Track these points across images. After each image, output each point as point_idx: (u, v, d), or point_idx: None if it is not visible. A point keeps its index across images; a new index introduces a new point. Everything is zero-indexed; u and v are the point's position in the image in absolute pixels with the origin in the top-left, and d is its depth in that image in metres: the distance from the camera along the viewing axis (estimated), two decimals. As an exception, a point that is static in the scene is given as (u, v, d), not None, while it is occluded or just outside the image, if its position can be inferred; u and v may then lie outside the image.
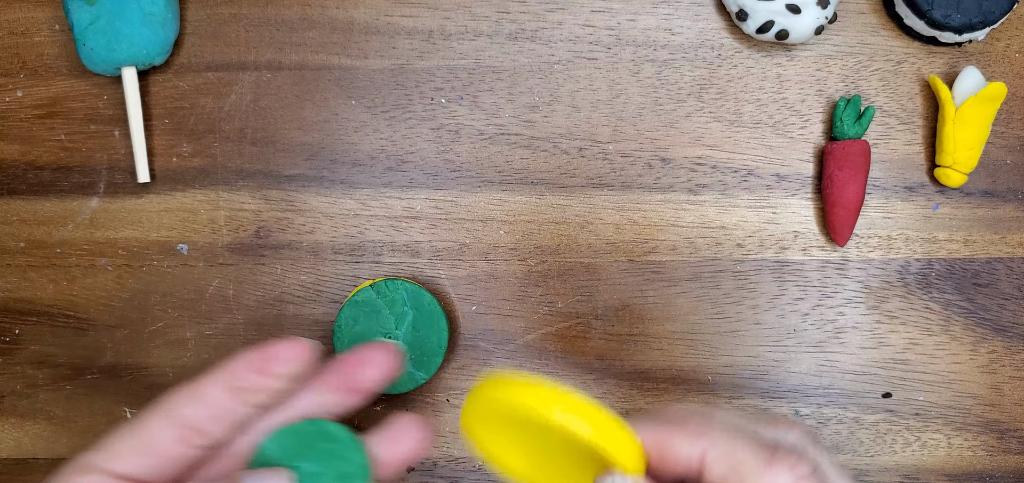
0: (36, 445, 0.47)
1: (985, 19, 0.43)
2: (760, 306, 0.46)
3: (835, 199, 0.44)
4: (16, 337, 0.47)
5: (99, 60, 0.44)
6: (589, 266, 0.46)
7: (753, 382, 0.46)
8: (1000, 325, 0.46)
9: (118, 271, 0.47)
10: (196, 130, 0.47)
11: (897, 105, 0.46)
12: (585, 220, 0.46)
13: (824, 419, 0.46)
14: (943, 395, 0.46)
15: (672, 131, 0.46)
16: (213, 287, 0.47)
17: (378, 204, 0.47)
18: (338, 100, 0.47)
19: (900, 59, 0.46)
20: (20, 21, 0.47)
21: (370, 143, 0.47)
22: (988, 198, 0.46)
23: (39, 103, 0.47)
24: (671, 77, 0.46)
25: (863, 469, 0.46)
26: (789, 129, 0.46)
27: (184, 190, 0.47)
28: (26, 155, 0.47)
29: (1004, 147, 0.46)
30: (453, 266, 0.46)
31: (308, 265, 0.47)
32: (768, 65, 0.46)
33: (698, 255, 0.46)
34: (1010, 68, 0.46)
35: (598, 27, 0.46)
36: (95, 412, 0.47)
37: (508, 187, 0.46)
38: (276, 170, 0.47)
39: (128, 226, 0.47)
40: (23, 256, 0.47)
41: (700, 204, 0.46)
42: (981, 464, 0.46)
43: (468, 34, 0.46)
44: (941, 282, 0.46)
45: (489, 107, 0.46)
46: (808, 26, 0.44)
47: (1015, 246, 0.46)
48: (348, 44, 0.47)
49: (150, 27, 0.44)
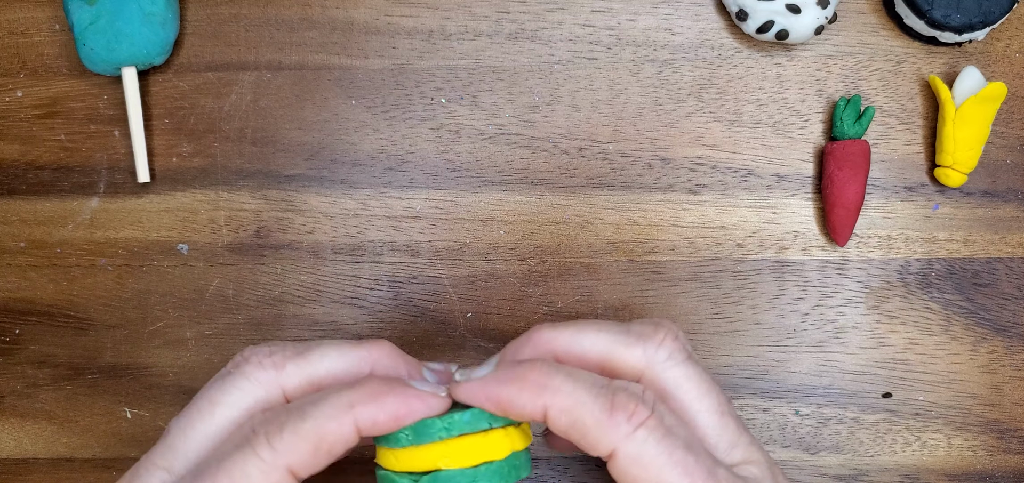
0: (36, 445, 0.47)
1: (985, 19, 0.43)
2: (760, 306, 0.46)
3: (835, 199, 0.44)
4: (16, 337, 0.47)
5: (99, 60, 0.44)
6: (589, 266, 0.46)
7: (753, 382, 0.46)
8: (1000, 325, 0.46)
9: (118, 271, 0.47)
10: (196, 130, 0.47)
11: (897, 105, 0.46)
12: (585, 220, 0.46)
13: (824, 419, 0.46)
14: (943, 395, 0.46)
15: (672, 131, 0.46)
16: (213, 287, 0.47)
17: (378, 204, 0.47)
18: (338, 100, 0.47)
19: (900, 59, 0.46)
20: (20, 21, 0.47)
21: (370, 143, 0.47)
22: (988, 198, 0.46)
23: (39, 103, 0.47)
24: (671, 77, 0.46)
25: (863, 469, 0.46)
26: (789, 129, 0.46)
27: (184, 190, 0.47)
28: (26, 155, 0.47)
29: (1004, 147, 0.46)
30: (453, 266, 0.46)
31: (308, 265, 0.47)
32: (768, 65, 0.46)
33: (698, 255, 0.46)
34: (1010, 68, 0.46)
35: (598, 27, 0.46)
36: (95, 412, 0.47)
37: (508, 187, 0.46)
38: (276, 170, 0.47)
39: (128, 226, 0.47)
40: (23, 256, 0.47)
41: (700, 204, 0.46)
42: (981, 464, 0.46)
43: (468, 34, 0.46)
44: (941, 282, 0.46)
45: (489, 107, 0.46)
46: (808, 26, 0.44)
47: (1015, 246, 0.46)
48: (348, 44, 0.47)
49: (150, 27, 0.44)
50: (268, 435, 0.28)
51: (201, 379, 0.47)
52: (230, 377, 0.31)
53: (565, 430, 0.29)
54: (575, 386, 0.29)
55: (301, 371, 0.31)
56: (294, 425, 0.28)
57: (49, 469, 0.47)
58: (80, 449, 0.47)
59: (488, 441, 0.31)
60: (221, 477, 0.28)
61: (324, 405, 0.28)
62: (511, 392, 0.29)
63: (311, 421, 0.28)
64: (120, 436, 0.47)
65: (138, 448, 0.47)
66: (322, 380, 0.32)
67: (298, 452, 0.28)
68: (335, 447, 0.28)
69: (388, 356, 0.33)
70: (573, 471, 0.46)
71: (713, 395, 0.32)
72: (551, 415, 0.29)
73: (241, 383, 0.31)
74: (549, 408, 0.29)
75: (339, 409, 0.28)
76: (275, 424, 0.28)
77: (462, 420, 0.30)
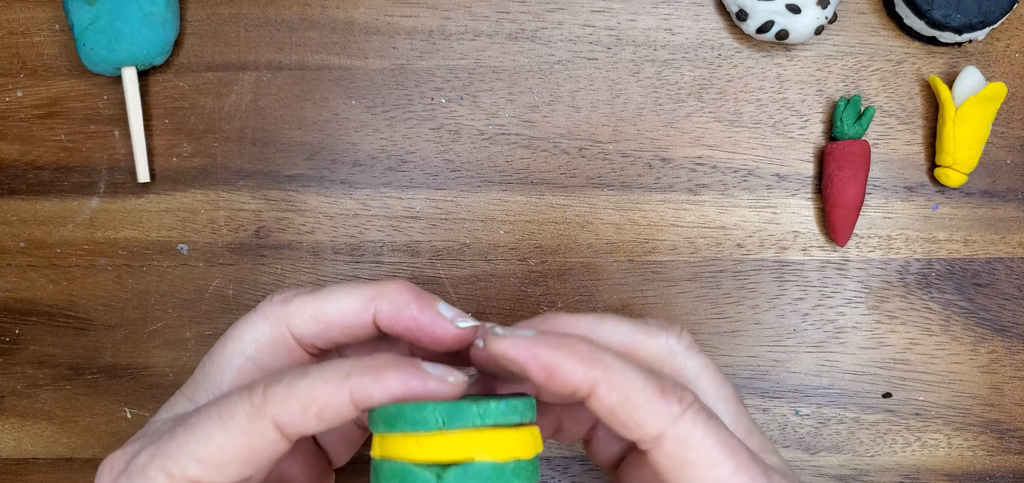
0: (36, 445, 0.47)
1: (985, 19, 0.43)
2: (760, 306, 0.46)
3: (835, 199, 0.44)
4: (16, 337, 0.47)
5: (99, 60, 0.44)
6: (589, 266, 0.46)
7: (753, 382, 0.46)
8: (1000, 325, 0.46)
9: (118, 271, 0.47)
10: (196, 130, 0.47)
11: (897, 105, 0.46)
12: (585, 220, 0.46)
13: (824, 419, 0.46)
14: (943, 395, 0.46)
15: (672, 131, 0.46)
16: (213, 287, 0.47)
17: (378, 204, 0.47)
18: (338, 100, 0.47)
19: (900, 59, 0.46)
20: (20, 21, 0.47)
21: (370, 143, 0.47)
22: (988, 198, 0.46)
23: (39, 103, 0.47)
24: (671, 77, 0.46)
25: (863, 469, 0.46)
26: (789, 129, 0.46)
27: (184, 190, 0.47)
28: (26, 155, 0.47)
29: (1004, 147, 0.46)
30: (453, 266, 0.46)
31: (308, 265, 0.47)
32: (768, 65, 0.46)
33: (698, 255, 0.46)
34: (1010, 68, 0.46)
35: (598, 27, 0.46)
36: (95, 412, 0.47)
37: (508, 187, 0.46)
38: (276, 170, 0.47)
39: (128, 226, 0.47)
40: (23, 256, 0.47)
41: (700, 204, 0.46)
42: (981, 464, 0.46)
43: (468, 34, 0.47)
44: (941, 282, 0.46)
45: (489, 107, 0.46)
46: (808, 26, 0.44)
47: (1015, 246, 0.46)
48: (348, 44, 0.47)
49: (150, 27, 0.44)
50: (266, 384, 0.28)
51: (201, 379, 0.47)
52: (246, 315, 0.32)
53: (610, 408, 0.28)
54: (626, 365, 0.28)
55: (308, 308, 0.32)
56: (290, 380, 0.28)
57: (49, 469, 0.47)
58: (80, 449, 0.47)
59: (519, 437, 0.28)
60: (214, 409, 0.28)
61: (324, 369, 0.28)
62: (561, 357, 0.27)
63: (307, 381, 0.28)
64: (120, 436, 0.47)
65: (138, 448, 0.47)
66: (329, 318, 0.32)
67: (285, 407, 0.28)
68: (326, 412, 0.28)
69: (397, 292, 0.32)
70: (573, 471, 0.46)
71: (728, 386, 0.33)
72: (600, 391, 0.27)
73: (252, 318, 0.32)
74: (599, 383, 0.27)
75: (337, 375, 0.28)
76: (276, 377, 0.29)
77: (498, 409, 0.28)
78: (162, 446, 0.29)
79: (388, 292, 0.32)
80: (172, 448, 0.28)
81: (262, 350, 0.32)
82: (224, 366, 0.32)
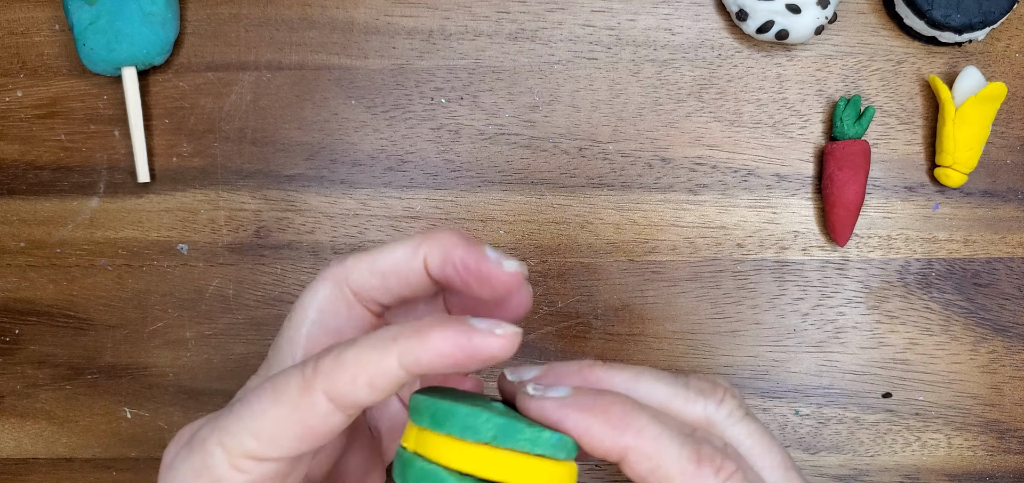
0: (36, 445, 0.47)
1: (985, 19, 0.43)
2: (760, 306, 0.46)
3: (835, 199, 0.44)
4: (16, 337, 0.47)
5: (99, 60, 0.44)
6: (589, 266, 0.46)
7: (753, 382, 0.46)
8: (1000, 325, 0.46)
9: (118, 271, 0.47)
10: (196, 130, 0.47)
11: (897, 105, 0.46)
12: (585, 220, 0.46)
13: (824, 419, 0.46)
14: (943, 395, 0.46)
15: (672, 131, 0.46)
16: (213, 287, 0.47)
17: (378, 204, 0.47)
18: (338, 100, 0.47)
19: (900, 59, 0.46)
20: (20, 21, 0.47)
21: (370, 143, 0.47)
22: (988, 198, 0.46)
23: (39, 103, 0.47)
24: (671, 77, 0.46)
25: (863, 469, 0.46)
26: (789, 129, 0.46)
27: (184, 190, 0.47)
28: (26, 155, 0.47)
29: (1004, 147, 0.46)
30: (453, 266, 0.46)
31: (308, 265, 0.47)
32: (768, 65, 0.46)
33: (698, 255, 0.46)
34: (1010, 68, 0.46)
35: (598, 27, 0.46)
36: (95, 412, 0.47)
37: (508, 187, 0.46)
38: (276, 170, 0.47)
39: (128, 226, 0.47)
40: (23, 256, 0.47)
41: (700, 204, 0.46)
42: (981, 464, 0.46)
43: (468, 34, 0.46)
44: (941, 282, 0.46)
45: (489, 107, 0.46)
46: (808, 26, 0.44)
47: (1015, 246, 0.46)
48: (348, 44, 0.47)
49: (150, 27, 0.44)
50: (317, 358, 0.28)
51: (201, 379, 0.47)
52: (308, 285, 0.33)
53: (642, 476, 0.27)
54: (661, 430, 0.27)
55: (363, 262, 0.32)
56: (339, 351, 0.28)
57: (49, 469, 0.47)
58: (80, 449, 0.47)
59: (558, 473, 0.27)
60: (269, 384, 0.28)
61: (371, 336, 0.28)
62: (590, 422, 0.27)
63: (354, 350, 0.28)
64: (120, 436, 0.47)
65: (138, 448, 0.47)
66: (383, 268, 0.32)
67: (335, 377, 0.27)
68: (376, 379, 0.27)
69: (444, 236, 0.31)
70: (573, 471, 0.46)
71: (775, 452, 0.31)
72: (631, 458, 0.27)
73: (313, 285, 0.32)
74: (630, 450, 0.27)
75: (383, 341, 0.28)
76: (326, 349, 0.29)
77: (549, 440, 0.27)
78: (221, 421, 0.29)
79: (436, 236, 0.31)
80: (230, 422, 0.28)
81: (325, 311, 0.32)
82: (293, 337, 0.32)
